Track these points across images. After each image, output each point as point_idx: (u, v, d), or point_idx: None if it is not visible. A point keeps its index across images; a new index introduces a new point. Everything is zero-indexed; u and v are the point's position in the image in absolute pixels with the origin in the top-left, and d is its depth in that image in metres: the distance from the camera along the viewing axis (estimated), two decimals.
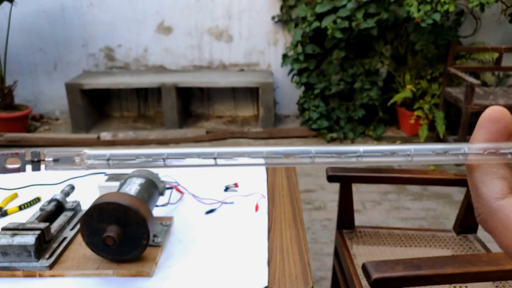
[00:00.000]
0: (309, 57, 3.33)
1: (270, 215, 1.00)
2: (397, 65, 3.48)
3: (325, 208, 2.37)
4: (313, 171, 2.84)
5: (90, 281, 0.78)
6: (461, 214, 1.36)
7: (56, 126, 3.83)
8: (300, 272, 0.81)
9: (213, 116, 3.99)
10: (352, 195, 1.34)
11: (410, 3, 2.92)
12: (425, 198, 2.47)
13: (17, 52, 3.79)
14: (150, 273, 0.79)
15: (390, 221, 2.25)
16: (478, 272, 0.88)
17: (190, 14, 3.70)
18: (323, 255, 1.97)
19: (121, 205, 0.76)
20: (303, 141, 3.39)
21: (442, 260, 0.91)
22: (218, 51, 3.81)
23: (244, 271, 0.81)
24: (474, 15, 3.56)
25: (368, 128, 3.45)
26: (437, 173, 1.32)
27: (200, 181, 1.17)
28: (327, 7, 3.10)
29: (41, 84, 3.91)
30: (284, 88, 3.89)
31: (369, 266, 0.88)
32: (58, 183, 1.17)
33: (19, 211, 1.03)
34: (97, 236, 0.78)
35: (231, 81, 3.47)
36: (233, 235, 0.93)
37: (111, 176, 1.09)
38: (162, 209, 1.03)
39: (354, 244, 1.31)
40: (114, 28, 3.73)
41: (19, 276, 0.79)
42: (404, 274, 0.86)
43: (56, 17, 3.70)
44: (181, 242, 0.90)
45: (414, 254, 1.27)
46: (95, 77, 3.63)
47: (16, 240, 0.79)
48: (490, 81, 3.53)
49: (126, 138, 3.36)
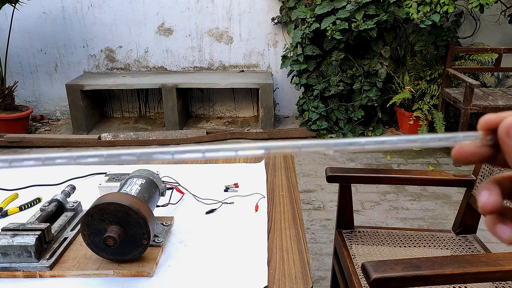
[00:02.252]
0: (309, 58, 3.33)
1: (270, 215, 1.01)
2: (396, 66, 3.48)
3: (324, 208, 2.37)
4: (313, 172, 2.84)
5: (91, 281, 0.78)
6: (460, 215, 1.36)
7: (57, 127, 3.84)
8: (300, 272, 0.81)
9: (213, 117, 3.99)
10: (351, 195, 1.35)
11: (409, 4, 2.93)
12: (424, 198, 2.48)
13: (18, 53, 3.80)
14: (150, 273, 0.79)
15: (389, 221, 2.25)
16: (477, 272, 0.88)
17: (191, 16, 3.71)
18: (323, 255, 1.97)
19: (121, 206, 0.77)
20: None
21: (442, 260, 0.91)
22: (218, 52, 3.82)
23: (244, 271, 0.81)
24: (474, 16, 3.56)
25: (367, 129, 3.46)
26: (436, 174, 1.32)
27: (201, 182, 1.17)
28: (326, 9, 3.10)
29: (42, 85, 3.92)
30: (284, 89, 3.89)
31: (368, 266, 0.88)
32: (58, 183, 1.17)
33: (19, 212, 1.04)
34: (98, 236, 0.78)
35: (231, 82, 3.47)
36: (233, 235, 0.93)
37: (111, 177, 1.09)
38: (163, 209, 1.04)
39: (354, 244, 1.31)
40: (115, 29, 3.74)
41: (20, 277, 0.80)
42: (404, 274, 0.86)
43: (57, 18, 3.71)
44: (182, 242, 0.90)
45: (413, 254, 1.27)
46: (96, 78, 3.63)
47: (16, 241, 0.79)
48: (490, 82, 3.53)
49: (127, 139, 3.37)
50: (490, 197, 0.28)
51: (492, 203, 0.28)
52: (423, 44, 3.21)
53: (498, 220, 0.29)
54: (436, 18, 2.85)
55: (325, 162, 3.01)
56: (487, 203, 0.28)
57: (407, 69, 3.41)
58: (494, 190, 0.28)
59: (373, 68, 3.28)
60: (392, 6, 3.08)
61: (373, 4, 3.05)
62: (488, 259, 0.91)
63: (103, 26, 3.73)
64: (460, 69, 3.14)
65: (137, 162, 0.31)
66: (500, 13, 3.54)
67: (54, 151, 3.25)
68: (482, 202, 0.28)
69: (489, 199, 0.28)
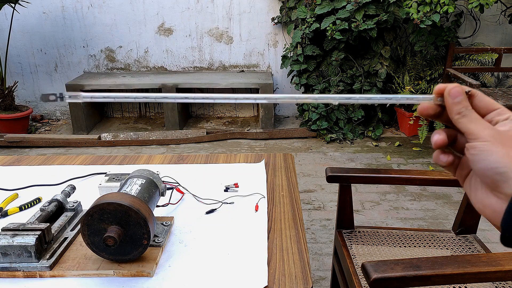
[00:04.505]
0: (309, 58, 3.33)
1: (270, 215, 1.01)
2: (396, 66, 3.48)
3: (324, 208, 2.37)
4: (313, 172, 2.84)
5: (91, 282, 0.78)
6: (461, 214, 1.36)
7: (57, 127, 3.84)
8: (300, 272, 0.81)
9: (213, 117, 3.99)
10: (351, 195, 1.35)
11: (410, 4, 2.93)
12: (424, 198, 2.48)
13: (18, 53, 3.80)
14: (150, 273, 0.79)
15: (389, 221, 2.25)
16: (477, 272, 0.88)
17: (191, 16, 3.71)
18: (323, 255, 1.97)
19: (122, 206, 0.77)
20: (302, 141, 3.40)
21: (442, 260, 0.91)
22: (218, 53, 3.82)
23: (244, 271, 0.81)
24: (474, 16, 3.56)
25: (367, 129, 3.46)
26: (436, 174, 1.32)
27: (201, 182, 1.17)
28: (326, 9, 3.10)
29: (42, 85, 3.92)
30: (284, 89, 3.89)
31: (368, 266, 0.88)
32: (58, 183, 1.17)
33: (19, 212, 1.04)
34: (98, 236, 0.78)
35: (231, 82, 3.47)
36: (233, 235, 0.93)
37: (111, 177, 1.09)
38: (163, 209, 1.04)
39: (354, 244, 1.31)
40: (115, 29, 3.74)
41: (20, 277, 0.80)
42: (404, 274, 0.86)
43: (57, 18, 3.71)
44: (182, 242, 0.90)
45: (413, 254, 1.27)
46: (96, 78, 3.63)
47: (16, 241, 0.79)
48: (490, 82, 3.53)
49: (127, 139, 3.37)
50: (440, 137, 0.42)
51: (441, 140, 0.42)
52: (423, 44, 3.21)
53: (441, 152, 0.44)
54: (436, 18, 2.85)
55: (325, 162, 3.01)
56: (438, 140, 0.42)
57: (407, 69, 3.41)
58: (442, 133, 0.42)
59: (373, 68, 3.28)
60: (392, 6, 3.08)
61: (373, 4, 3.05)
62: (488, 259, 0.91)
63: (103, 26, 3.73)
64: (460, 69, 3.14)
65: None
66: (500, 13, 3.54)
67: (54, 151, 3.26)
68: (434, 139, 0.42)
69: (439, 138, 0.42)
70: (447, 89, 0.41)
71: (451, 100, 0.41)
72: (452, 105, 0.41)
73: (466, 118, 0.40)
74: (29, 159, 1.36)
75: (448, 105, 0.41)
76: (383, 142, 3.35)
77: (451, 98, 0.41)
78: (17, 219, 1.00)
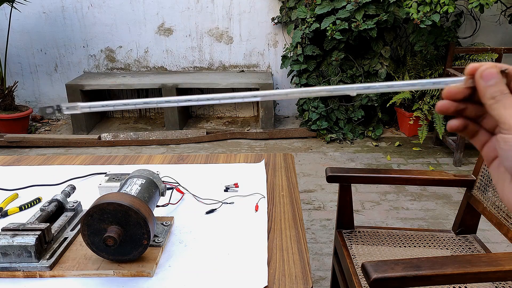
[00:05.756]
0: (309, 58, 3.33)
1: (270, 215, 1.01)
2: (397, 66, 3.48)
3: (324, 208, 2.37)
4: (313, 172, 2.84)
5: (91, 282, 0.78)
6: (461, 215, 1.36)
7: (57, 127, 3.84)
8: (300, 272, 0.81)
9: (213, 117, 3.99)
10: (351, 195, 1.35)
11: (410, 4, 2.93)
12: (424, 198, 2.47)
13: (18, 53, 3.80)
14: (150, 273, 0.79)
15: (389, 221, 2.25)
16: (478, 272, 0.88)
17: (191, 16, 3.71)
18: (323, 255, 1.97)
19: (121, 206, 0.76)
20: (302, 141, 3.40)
21: (442, 260, 0.91)
22: (218, 53, 3.82)
23: (244, 271, 0.81)
24: (474, 16, 3.56)
25: (367, 129, 3.46)
26: (436, 174, 1.32)
27: (201, 182, 1.17)
28: (326, 9, 3.10)
29: (42, 85, 3.92)
30: (284, 89, 3.89)
31: (368, 266, 0.88)
32: (58, 183, 1.17)
33: (19, 212, 1.04)
34: (98, 236, 0.78)
35: (231, 82, 3.47)
36: (233, 235, 0.93)
37: (111, 177, 1.09)
38: (163, 209, 1.04)
39: (354, 244, 1.31)
40: (115, 29, 3.74)
41: (20, 277, 0.80)
42: (404, 274, 0.86)
43: (57, 18, 3.71)
44: (182, 242, 0.90)
45: (414, 254, 1.27)
46: (96, 78, 3.63)
47: (16, 241, 0.79)
48: None
49: (127, 139, 3.37)
50: (455, 122, 0.40)
51: (456, 125, 0.40)
52: (423, 44, 3.21)
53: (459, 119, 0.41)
54: (436, 18, 2.85)
55: (325, 162, 3.01)
56: (454, 125, 0.40)
57: (407, 69, 3.41)
58: (460, 120, 0.40)
59: (373, 68, 3.28)
60: (392, 6, 3.08)
61: (373, 4, 3.05)
62: (488, 259, 0.91)
63: (103, 26, 3.73)
64: (460, 69, 3.13)
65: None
66: (500, 13, 3.54)
67: (54, 151, 3.26)
68: (449, 123, 0.40)
69: (454, 123, 0.40)
70: (479, 71, 0.36)
71: (484, 83, 0.36)
72: (484, 88, 0.36)
73: (500, 104, 0.35)
74: (29, 159, 1.36)
75: (480, 89, 0.36)
76: (383, 142, 3.35)
77: (483, 81, 0.36)
78: (17, 219, 1.00)
